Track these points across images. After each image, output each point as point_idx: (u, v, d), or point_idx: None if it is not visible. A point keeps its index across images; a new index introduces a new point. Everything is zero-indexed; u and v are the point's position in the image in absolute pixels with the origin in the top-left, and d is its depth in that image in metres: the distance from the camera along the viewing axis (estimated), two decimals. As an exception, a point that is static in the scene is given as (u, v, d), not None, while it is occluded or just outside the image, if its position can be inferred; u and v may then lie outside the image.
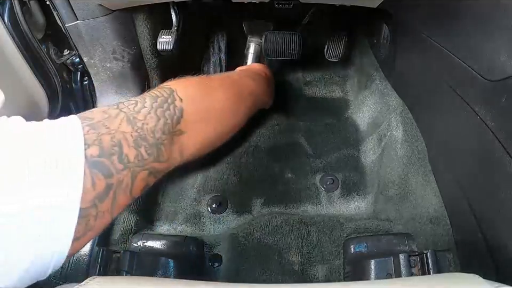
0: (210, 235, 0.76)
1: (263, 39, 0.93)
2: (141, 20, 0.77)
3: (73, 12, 0.70)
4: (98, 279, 0.36)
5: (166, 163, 0.46)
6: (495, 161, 0.50)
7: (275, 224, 0.73)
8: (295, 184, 0.85)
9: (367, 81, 0.96)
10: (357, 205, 0.82)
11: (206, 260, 0.72)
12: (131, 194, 0.40)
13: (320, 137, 0.94)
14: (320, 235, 0.72)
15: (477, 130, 0.53)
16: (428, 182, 0.71)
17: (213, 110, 0.55)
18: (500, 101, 0.48)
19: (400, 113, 0.81)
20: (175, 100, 0.48)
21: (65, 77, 0.91)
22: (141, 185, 0.41)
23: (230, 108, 0.59)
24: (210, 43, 1.07)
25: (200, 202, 0.83)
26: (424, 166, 0.73)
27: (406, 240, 0.68)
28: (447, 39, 0.59)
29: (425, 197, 0.70)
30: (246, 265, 0.69)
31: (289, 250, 0.70)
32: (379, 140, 0.85)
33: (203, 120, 0.52)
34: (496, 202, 0.51)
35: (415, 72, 0.75)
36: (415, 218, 0.70)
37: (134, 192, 0.40)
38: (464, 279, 0.35)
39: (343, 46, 1.00)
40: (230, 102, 0.59)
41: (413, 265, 0.59)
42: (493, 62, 0.48)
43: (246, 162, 0.89)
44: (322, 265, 0.70)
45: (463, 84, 0.56)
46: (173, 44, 0.78)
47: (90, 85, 0.92)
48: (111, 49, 0.77)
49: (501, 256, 0.51)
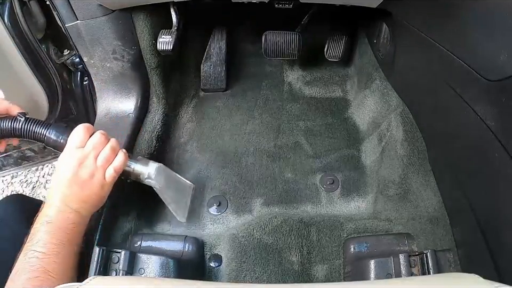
0: (210, 235, 0.76)
1: (262, 39, 0.93)
2: (141, 20, 0.77)
3: (73, 12, 0.70)
4: (98, 279, 0.36)
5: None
6: (495, 161, 0.50)
7: (275, 224, 0.73)
8: (295, 184, 0.85)
9: (367, 81, 0.96)
10: (357, 204, 0.82)
11: (206, 260, 0.72)
12: None
13: (320, 137, 0.94)
14: (320, 235, 0.72)
15: (477, 130, 0.53)
16: (428, 182, 0.71)
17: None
18: (500, 101, 0.48)
19: (400, 113, 0.81)
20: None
21: (65, 77, 0.91)
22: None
23: None
24: (210, 43, 1.08)
25: (201, 202, 0.83)
26: (424, 166, 0.73)
27: (406, 240, 0.68)
28: (447, 39, 0.59)
29: (425, 197, 0.70)
30: (246, 265, 0.69)
31: (289, 250, 0.70)
32: (379, 139, 0.85)
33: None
34: (496, 202, 0.51)
35: (415, 72, 0.75)
36: (415, 218, 0.70)
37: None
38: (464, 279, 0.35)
39: (343, 46, 1.00)
40: None
41: (413, 265, 0.59)
42: (493, 62, 0.48)
43: (246, 162, 0.89)
44: (322, 265, 0.70)
45: (463, 84, 0.56)
46: (172, 44, 0.78)
47: (90, 85, 0.92)
48: (111, 49, 0.77)
49: (501, 256, 0.51)
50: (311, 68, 1.11)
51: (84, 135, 0.59)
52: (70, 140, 0.59)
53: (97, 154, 0.59)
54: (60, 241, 0.53)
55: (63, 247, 0.53)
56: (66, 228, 0.55)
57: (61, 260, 0.52)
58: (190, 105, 1.03)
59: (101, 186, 0.59)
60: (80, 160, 0.57)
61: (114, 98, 0.86)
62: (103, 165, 0.59)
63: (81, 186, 0.57)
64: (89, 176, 0.58)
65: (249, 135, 0.95)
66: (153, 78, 0.89)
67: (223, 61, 1.07)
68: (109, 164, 0.60)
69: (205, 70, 1.06)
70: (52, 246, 0.52)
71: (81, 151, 0.58)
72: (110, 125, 0.83)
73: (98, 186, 0.59)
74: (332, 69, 1.10)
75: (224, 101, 1.05)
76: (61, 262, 0.52)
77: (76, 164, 0.57)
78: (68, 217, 0.56)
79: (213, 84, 1.07)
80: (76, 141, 0.58)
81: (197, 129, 0.97)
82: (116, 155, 0.62)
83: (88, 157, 0.58)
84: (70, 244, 0.55)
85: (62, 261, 0.53)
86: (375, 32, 0.93)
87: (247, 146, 0.92)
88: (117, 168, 0.61)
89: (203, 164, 0.89)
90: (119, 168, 0.61)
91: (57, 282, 0.47)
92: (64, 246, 0.53)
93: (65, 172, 0.57)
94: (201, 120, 0.99)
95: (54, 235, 0.53)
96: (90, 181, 0.58)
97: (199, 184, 0.86)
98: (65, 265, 0.53)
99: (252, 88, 1.08)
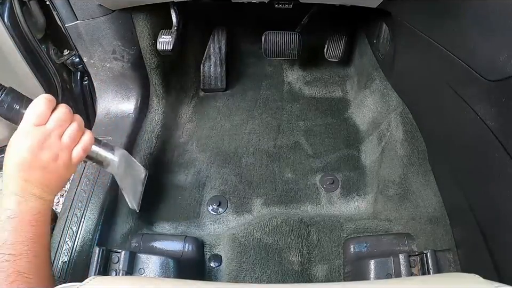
0: (210, 235, 0.76)
1: (262, 39, 0.93)
2: (141, 20, 0.77)
3: (73, 12, 0.70)
4: (98, 279, 0.36)
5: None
6: (495, 161, 0.50)
7: (275, 224, 0.73)
8: (295, 184, 0.85)
9: (367, 81, 0.96)
10: (356, 205, 0.82)
11: (206, 260, 0.72)
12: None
13: (320, 137, 0.94)
14: (320, 235, 0.72)
15: (477, 130, 0.53)
16: (427, 182, 0.71)
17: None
18: (500, 101, 0.48)
19: (400, 113, 0.81)
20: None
21: (65, 77, 0.91)
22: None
23: None
24: (210, 43, 1.08)
25: (200, 202, 0.83)
26: (424, 166, 0.73)
27: (406, 240, 0.68)
28: (447, 39, 0.59)
29: (425, 197, 0.70)
30: (246, 265, 0.69)
31: (289, 250, 0.70)
32: (379, 139, 0.85)
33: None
34: (496, 202, 0.51)
35: (415, 72, 0.75)
36: (415, 218, 0.70)
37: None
38: (464, 279, 0.35)
39: (343, 46, 1.00)
40: None
41: (413, 265, 0.59)
42: (493, 62, 0.48)
43: (246, 162, 0.89)
44: (322, 265, 0.70)
45: (463, 84, 0.56)
46: (172, 44, 0.78)
47: (90, 85, 0.92)
48: (111, 49, 0.77)
49: (501, 256, 0.51)
50: (311, 68, 1.11)
51: (46, 109, 0.50)
52: (28, 114, 0.49)
53: (62, 132, 0.52)
54: (28, 237, 0.48)
55: (33, 243, 0.48)
56: (31, 220, 0.49)
57: (33, 258, 0.48)
58: (190, 105, 1.03)
59: (66, 168, 0.52)
60: (41, 141, 0.49)
61: (114, 98, 0.85)
62: (69, 145, 0.52)
63: (43, 170, 0.50)
64: (52, 159, 0.50)
65: (249, 135, 0.95)
66: (153, 78, 0.89)
67: (223, 61, 1.07)
68: (75, 143, 0.53)
69: (205, 70, 1.07)
70: (20, 246, 0.47)
71: (42, 129, 0.50)
72: (110, 125, 0.83)
73: (63, 169, 0.52)
74: (332, 69, 1.10)
75: (224, 101, 1.05)
76: (34, 260, 0.48)
77: (36, 144, 0.49)
78: (32, 207, 0.49)
79: (213, 84, 1.07)
80: (35, 117, 0.49)
81: (197, 129, 0.97)
82: (82, 133, 0.54)
83: (51, 135, 0.50)
84: (39, 237, 0.49)
85: (35, 258, 0.48)
86: (375, 32, 0.93)
87: (247, 146, 0.92)
88: (85, 148, 0.54)
89: (203, 163, 0.89)
90: (87, 148, 0.55)
91: (35, 282, 0.46)
92: (34, 242, 0.49)
93: (22, 154, 0.48)
94: (201, 120, 0.99)
95: (20, 232, 0.48)
96: (54, 164, 0.51)
97: (199, 184, 0.86)
98: (39, 262, 0.49)
99: (252, 88, 1.08)
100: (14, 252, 0.46)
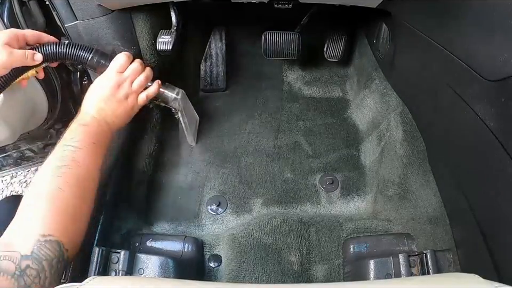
0: (210, 235, 0.76)
1: (262, 39, 0.93)
2: (140, 20, 0.77)
3: (73, 12, 0.70)
4: (98, 279, 0.36)
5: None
6: (494, 161, 0.50)
7: (274, 224, 0.73)
8: (294, 184, 0.85)
9: (367, 81, 0.96)
10: (356, 205, 0.82)
11: (205, 260, 0.72)
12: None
13: (320, 137, 0.94)
14: (320, 235, 0.72)
15: (476, 130, 0.53)
16: (427, 182, 0.71)
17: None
18: (500, 101, 0.48)
19: (399, 113, 0.81)
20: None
21: (64, 77, 0.91)
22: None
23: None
24: (209, 43, 1.07)
25: (200, 203, 0.83)
26: (424, 166, 0.73)
27: (405, 240, 0.68)
28: (447, 39, 0.59)
29: (425, 197, 0.70)
30: (246, 265, 0.69)
31: (288, 250, 0.70)
32: (379, 139, 0.85)
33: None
34: (496, 202, 0.51)
35: (415, 72, 0.75)
36: (415, 218, 0.70)
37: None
38: (464, 279, 0.35)
39: (342, 46, 1.00)
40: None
41: (413, 265, 0.59)
42: (493, 62, 0.48)
43: (246, 162, 0.89)
44: (322, 265, 0.70)
45: (463, 84, 0.56)
46: (172, 44, 0.78)
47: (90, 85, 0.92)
48: (111, 49, 0.76)
49: (501, 256, 0.51)
50: (311, 68, 1.11)
51: (125, 62, 0.67)
52: (113, 64, 0.67)
53: (134, 79, 0.68)
54: (93, 141, 0.60)
55: (94, 146, 0.60)
56: (99, 132, 0.62)
57: (91, 154, 0.59)
58: (189, 105, 1.03)
59: (132, 107, 0.69)
60: (119, 83, 0.66)
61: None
62: (137, 90, 0.69)
63: (116, 103, 0.66)
64: (124, 97, 0.67)
65: (248, 135, 0.95)
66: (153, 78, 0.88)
67: (222, 61, 1.07)
68: (142, 89, 0.70)
69: (205, 70, 1.06)
70: (84, 143, 0.58)
71: (120, 75, 0.67)
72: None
73: (129, 107, 0.68)
74: (332, 69, 1.10)
75: (224, 101, 1.05)
76: (90, 156, 0.59)
77: (115, 85, 0.66)
78: (102, 126, 0.64)
79: (212, 84, 1.07)
80: (117, 66, 0.67)
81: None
82: (148, 82, 0.71)
83: (126, 80, 0.67)
84: (100, 147, 0.62)
85: (92, 155, 0.59)
86: (374, 32, 0.93)
87: (247, 146, 0.92)
88: (149, 95, 0.71)
89: (202, 163, 0.89)
90: (151, 95, 0.72)
91: (82, 172, 0.56)
92: (95, 146, 0.60)
93: (104, 89, 0.65)
94: (201, 120, 0.99)
95: (88, 135, 0.60)
96: (125, 101, 0.67)
97: (198, 184, 0.86)
98: (93, 159, 0.59)
99: (252, 88, 1.08)
100: (78, 145, 0.58)
